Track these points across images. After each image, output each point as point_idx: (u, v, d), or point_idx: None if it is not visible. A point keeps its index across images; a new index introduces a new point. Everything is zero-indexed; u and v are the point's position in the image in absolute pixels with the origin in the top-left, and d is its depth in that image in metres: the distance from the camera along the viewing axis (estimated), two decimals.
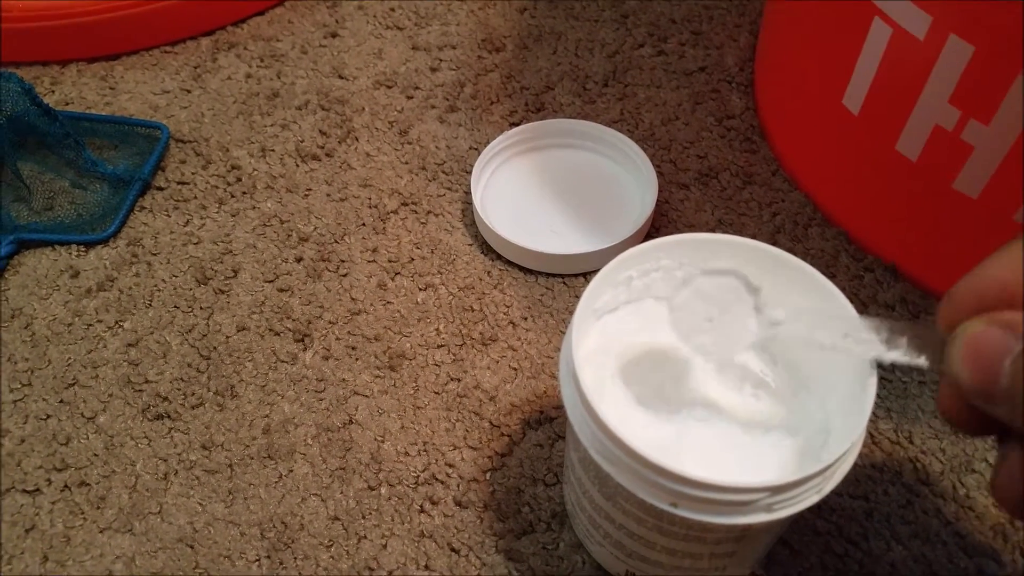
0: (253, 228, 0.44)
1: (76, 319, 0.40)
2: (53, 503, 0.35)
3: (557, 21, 0.53)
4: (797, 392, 0.28)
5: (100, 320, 0.40)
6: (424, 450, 0.36)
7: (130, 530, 0.34)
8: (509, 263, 0.42)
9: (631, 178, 0.44)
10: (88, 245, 0.43)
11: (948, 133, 0.33)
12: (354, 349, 0.39)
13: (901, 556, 0.33)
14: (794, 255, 0.27)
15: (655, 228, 0.43)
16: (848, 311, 0.26)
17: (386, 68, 0.51)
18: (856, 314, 0.26)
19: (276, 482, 0.35)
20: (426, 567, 0.33)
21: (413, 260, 0.42)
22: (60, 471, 0.35)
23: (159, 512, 0.34)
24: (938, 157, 0.35)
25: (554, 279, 0.41)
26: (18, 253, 0.43)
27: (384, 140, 0.47)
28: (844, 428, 0.25)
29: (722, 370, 0.29)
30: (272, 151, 0.47)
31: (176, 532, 0.34)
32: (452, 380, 0.38)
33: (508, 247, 0.41)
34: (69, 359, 0.39)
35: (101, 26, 0.50)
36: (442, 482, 0.35)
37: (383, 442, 0.36)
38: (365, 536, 0.33)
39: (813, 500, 0.24)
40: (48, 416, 0.37)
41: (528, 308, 0.40)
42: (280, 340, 0.39)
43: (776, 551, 0.33)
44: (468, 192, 0.44)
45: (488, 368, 0.38)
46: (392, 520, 0.34)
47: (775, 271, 0.27)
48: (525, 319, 0.40)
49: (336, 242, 0.43)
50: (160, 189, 0.45)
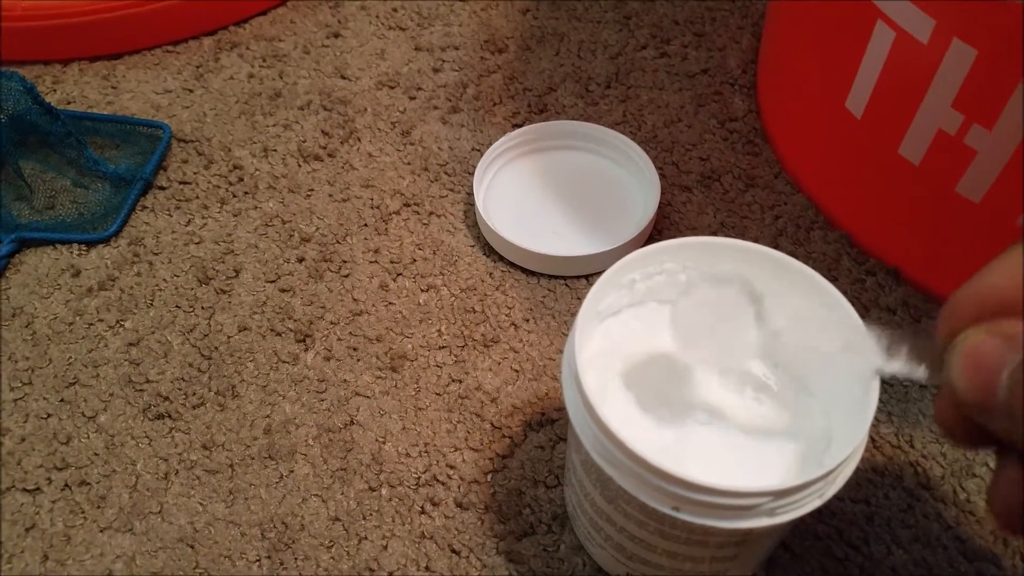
0: (255, 228, 0.44)
1: (77, 318, 0.40)
2: (53, 502, 0.35)
3: (560, 22, 0.53)
4: (799, 396, 0.28)
5: (101, 319, 0.40)
6: (425, 451, 0.36)
7: (130, 530, 0.34)
8: (511, 264, 0.42)
9: (633, 180, 0.44)
10: (89, 244, 0.43)
11: (951, 137, 0.33)
12: (355, 350, 0.39)
13: (902, 560, 0.33)
14: (796, 258, 0.27)
15: (657, 230, 0.43)
16: (851, 315, 0.26)
17: (388, 68, 0.51)
18: (858, 318, 0.26)
19: (277, 482, 0.35)
20: (427, 568, 0.33)
21: (415, 261, 0.42)
22: (61, 470, 0.35)
23: (159, 512, 0.34)
24: (941, 161, 0.35)
25: (556, 281, 0.41)
26: (19, 252, 0.43)
27: (386, 141, 0.47)
28: (846, 433, 0.25)
29: (725, 374, 0.29)
30: (274, 151, 0.47)
31: (176, 532, 0.34)
32: (453, 381, 0.38)
33: (510, 248, 0.41)
34: (70, 358, 0.39)
35: (103, 25, 0.50)
36: (443, 483, 0.35)
37: (384, 443, 0.36)
38: (366, 537, 0.33)
39: (815, 505, 0.24)
40: (49, 415, 0.37)
41: (530, 310, 0.40)
42: (281, 340, 0.39)
43: (777, 555, 0.33)
44: (470, 193, 0.44)
45: (490, 370, 0.38)
46: (393, 521, 0.34)
47: (777, 275, 0.27)
48: (527, 321, 0.40)
49: (338, 243, 0.43)
50: (162, 188, 0.45)
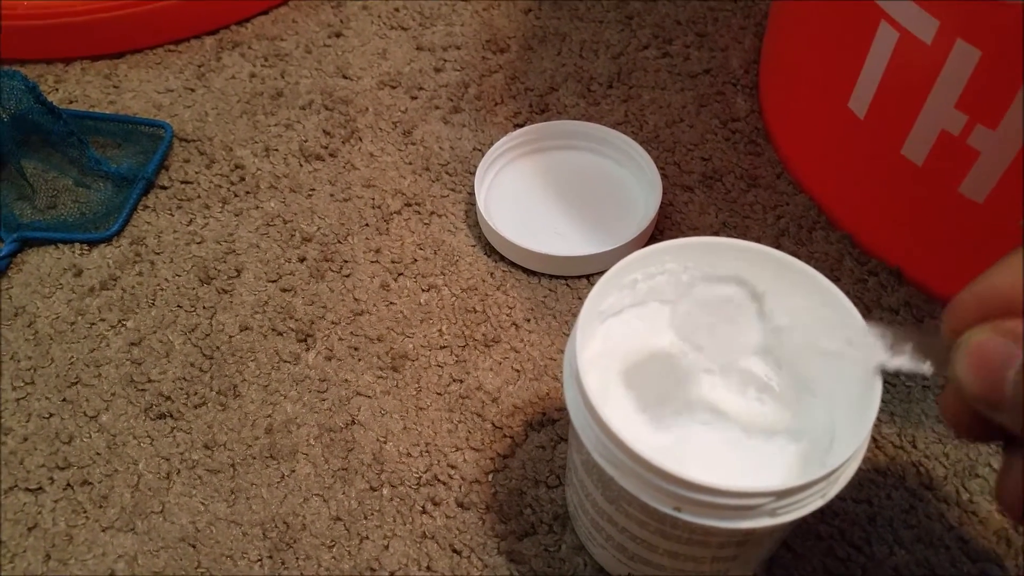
0: (256, 228, 0.44)
1: (79, 318, 0.40)
2: (55, 502, 0.35)
3: (562, 22, 0.53)
4: (801, 396, 0.28)
5: (103, 319, 0.40)
6: (426, 451, 0.36)
7: (132, 529, 0.34)
8: (512, 264, 0.42)
9: (635, 180, 0.44)
10: (91, 244, 0.43)
11: (954, 138, 0.33)
12: (357, 350, 0.39)
13: (904, 561, 0.32)
14: (798, 258, 0.27)
15: (659, 230, 0.43)
16: (852, 315, 0.26)
17: (390, 68, 0.51)
18: (860, 318, 0.26)
19: (278, 482, 0.35)
20: (428, 568, 0.33)
21: (416, 261, 0.42)
22: (62, 470, 0.35)
23: (161, 511, 0.34)
24: (944, 162, 0.35)
25: (557, 281, 0.41)
26: (21, 251, 0.43)
27: (388, 140, 0.47)
28: (848, 433, 0.25)
29: (727, 374, 0.28)
30: (276, 151, 0.47)
31: (178, 531, 0.34)
32: (454, 381, 0.38)
33: (511, 248, 0.41)
34: (72, 358, 0.39)
35: (105, 24, 0.50)
36: (444, 483, 0.35)
37: (385, 443, 0.36)
38: (367, 537, 0.33)
39: (817, 505, 0.24)
40: (51, 415, 0.37)
41: (531, 310, 0.40)
42: (283, 340, 0.39)
43: (778, 555, 0.33)
44: (472, 193, 0.44)
45: (491, 370, 0.38)
46: (394, 521, 0.34)
47: (779, 275, 0.27)
48: (528, 321, 0.40)
49: (339, 242, 0.43)
50: (163, 188, 0.45)
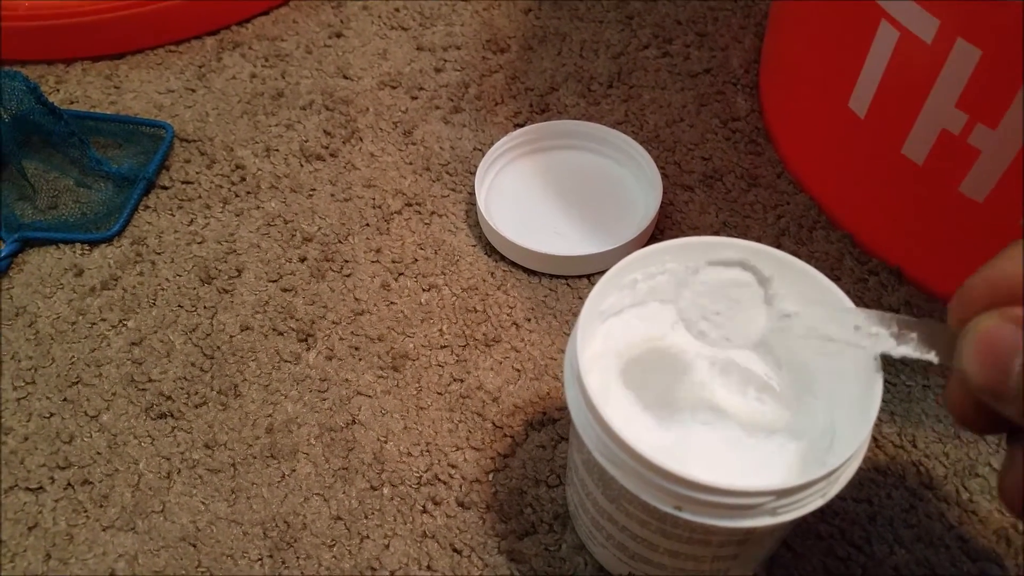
0: (257, 228, 0.44)
1: (80, 318, 0.40)
2: (56, 501, 0.35)
3: (562, 22, 0.53)
4: (802, 396, 0.28)
5: (104, 319, 0.40)
6: (427, 450, 0.36)
7: (133, 528, 0.34)
8: (513, 264, 0.42)
9: (635, 180, 0.44)
10: (92, 244, 0.43)
11: (955, 137, 0.33)
12: (357, 349, 0.39)
13: (904, 560, 0.32)
14: (799, 258, 0.27)
15: (659, 230, 0.43)
16: None
17: (391, 68, 0.51)
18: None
19: (279, 482, 0.35)
20: (428, 567, 0.33)
21: (417, 261, 0.42)
22: (63, 469, 0.35)
23: (162, 511, 0.34)
24: (944, 161, 0.35)
25: (557, 280, 0.41)
26: (22, 251, 0.43)
27: (388, 140, 0.47)
28: (849, 432, 0.25)
29: (727, 374, 0.28)
30: (276, 151, 0.47)
31: (179, 531, 0.34)
32: (455, 381, 0.38)
33: (512, 248, 0.41)
34: (73, 357, 0.39)
35: (106, 25, 0.50)
36: (444, 483, 0.35)
37: (386, 442, 0.36)
38: (367, 536, 0.33)
39: (817, 504, 0.24)
40: (51, 414, 0.37)
41: (531, 309, 0.40)
42: (284, 340, 0.39)
43: (779, 554, 0.33)
44: (472, 193, 0.44)
45: (491, 369, 0.38)
46: (394, 520, 0.34)
47: (780, 274, 0.27)
48: (528, 320, 0.40)
49: (340, 242, 0.43)
50: (164, 188, 0.45)
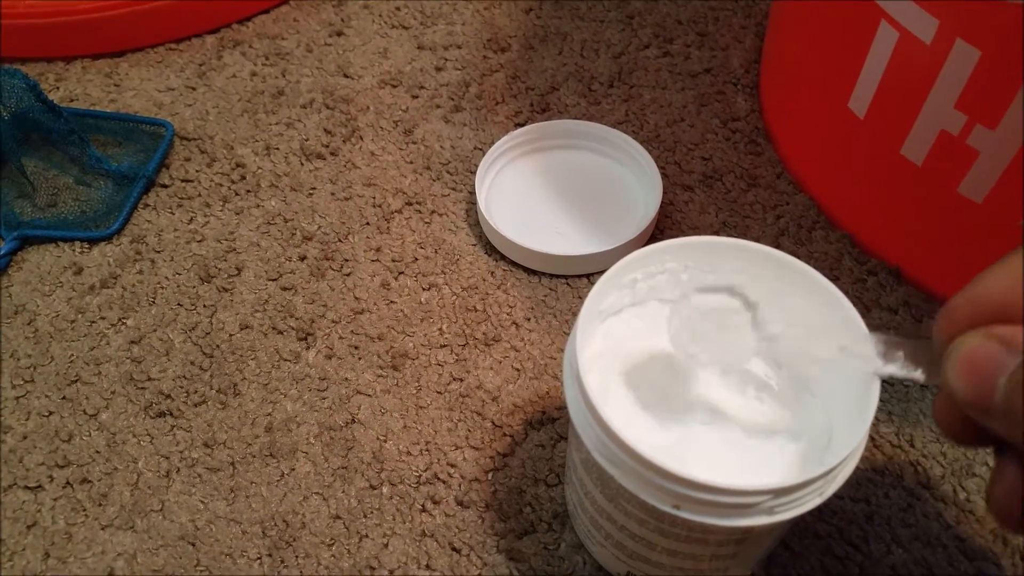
0: (257, 226, 0.44)
1: (79, 316, 0.40)
2: (55, 500, 0.35)
3: (563, 22, 0.53)
4: (800, 396, 0.28)
5: (103, 317, 0.40)
6: (426, 450, 0.36)
7: (132, 527, 0.34)
8: (513, 264, 0.42)
9: (635, 179, 0.44)
10: (92, 242, 0.43)
11: (954, 138, 0.33)
12: (357, 348, 0.39)
13: (901, 559, 0.33)
14: (798, 258, 0.27)
15: (659, 230, 0.43)
16: (852, 314, 0.26)
17: (391, 67, 0.51)
18: (859, 317, 0.26)
19: (278, 480, 0.35)
20: (427, 566, 0.33)
21: (417, 260, 0.42)
22: (62, 468, 0.35)
23: (161, 510, 0.34)
24: (943, 161, 0.35)
25: (557, 280, 0.41)
26: (22, 249, 0.43)
27: (389, 139, 0.47)
28: (846, 432, 0.25)
29: (726, 374, 0.29)
30: (276, 149, 0.47)
31: (178, 530, 0.34)
32: (455, 380, 0.38)
33: (512, 248, 0.41)
34: (72, 356, 0.39)
35: (106, 23, 0.50)
36: (444, 482, 0.35)
37: (385, 441, 0.36)
38: (366, 535, 0.33)
39: (815, 503, 0.24)
40: (50, 413, 0.37)
41: (531, 309, 0.40)
42: (283, 339, 0.39)
43: (777, 553, 0.33)
44: (472, 192, 0.44)
45: (491, 368, 0.38)
46: (394, 519, 0.34)
47: (779, 275, 0.27)
48: (528, 320, 0.40)
49: (340, 241, 0.43)
50: (164, 186, 0.45)
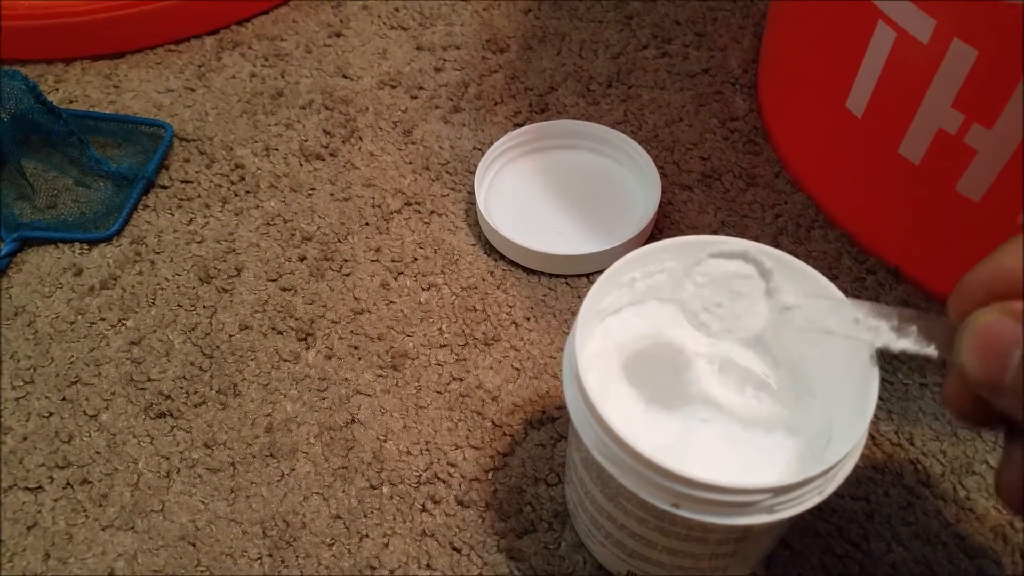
0: (256, 227, 0.44)
1: (79, 317, 0.40)
2: (55, 501, 0.35)
3: (561, 22, 0.53)
4: (799, 394, 0.28)
5: (103, 318, 0.40)
6: (426, 449, 0.36)
7: (132, 528, 0.34)
8: (512, 263, 0.42)
9: (634, 179, 0.44)
10: (91, 243, 0.43)
11: (951, 137, 0.33)
12: (357, 348, 0.39)
13: (902, 557, 0.33)
14: (797, 257, 0.27)
15: (658, 229, 0.43)
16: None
17: (390, 68, 0.51)
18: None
19: (278, 481, 0.35)
20: (428, 566, 0.33)
21: (416, 260, 0.42)
22: (62, 469, 0.35)
23: (161, 510, 0.34)
24: (941, 160, 0.35)
25: (557, 280, 0.41)
26: (21, 251, 0.43)
27: (388, 140, 0.47)
28: (846, 430, 0.25)
29: (725, 372, 0.29)
30: (276, 150, 0.47)
31: (178, 530, 0.34)
32: (454, 380, 0.38)
33: (511, 247, 0.41)
34: (72, 357, 0.39)
35: (105, 24, 0.50)
36: (444, 481, 0.35)
37: (385, 441, 0.36)
38: (367, 535, 0.34)
39: (815, 502, 0.24)
40: (50, 414, 0.37)
41: (531, 308, 0.40)
42: (283, 339, 0.39)
43: (777, 552, 0.33)
44: (472, 192, 0.44)
45: (491, 368, 0.38)
46: (394, 519, 0.34)
47: (778, 273, 0.28)
48: (528, 319, 0.40)
49: (339, 241, 0.43)
50: (164, 188, 0.45)
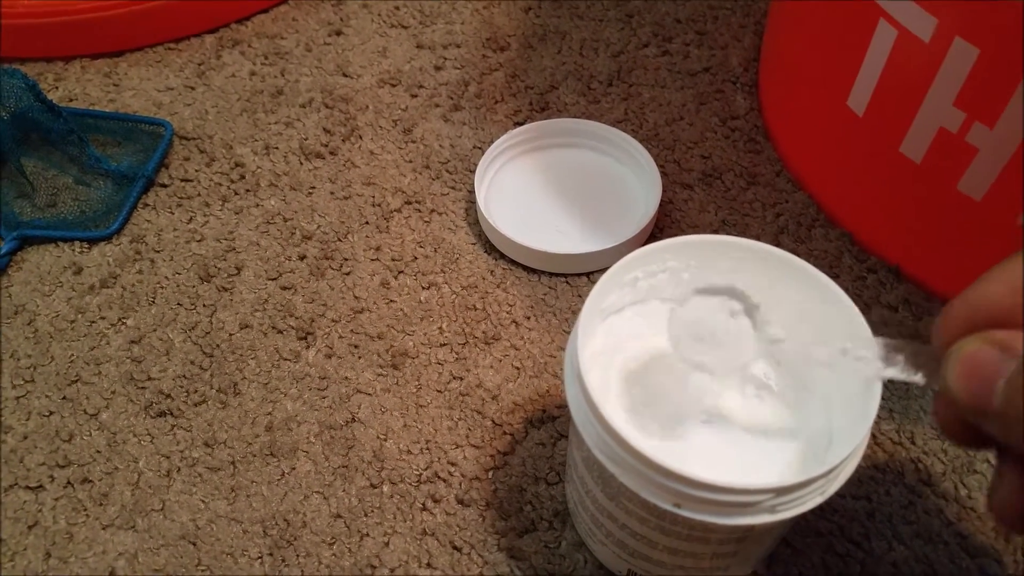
0: (256, 226, 0.44)
1: (79, 316, 0.40)
2: (56, 500, 0.35)
3: (562, 20, 0.53)
4: (801, 395, 0.28)
5: (103, 317, 0.40)
6: (426, 448, 0.36)
7: (132, 527, 0.34)
8: (512, 262, 0.42)
9: (635, 178, 0.44)
10: (91, 242, 0.43)
11: (952, 135, 0.33)
12: (357, 347, 0.39)
13: (903, 556, 0.33)
14: (798, 256, 0.27)
15: (659, 228, 0.43)
16: (852, 312, 0.26)
17: (390, 66, 0.51)
18: (860, 315, 0.26)
19: (278, 480, 0.35)
20: (428, 565, 0.33)
21: (416, 259, 0.42)
22: (63, 468, 0.35)
23: (161, 509, 0.34)
24: (942, 159, 0.35)
25: (557, 278, 0.41)
26: (21, 250, 0.43)
27: (388, 138, 0.47)
28: (848, 431, 0.25)
29: (726, 377, 0.29)
30: (276, 149, 0.47)
31: (179, 529, 0.34)
32: (455, 379, 0.38)
33: (511, 246, 0.41)
34: (72, 356, 0.39)
35: (105, 23, 0.50)
36: (444, 480, 0.35)
37: (385, 440, 0.36)
38: (367, 534, 0.33)
39: (816, 502, 0.24)
40: (51, 413, 0.37)
41: (531, 307, 0.40)
42: (283, 338, 0.39)
43: (778, 551, 0.33)
44: (472, 191, 0.44)
45: (491, 367, 0.38)
46: (394, 518, 0.34)
47: (778, 273, 0.28)
48: (528, 318, 0.40)
49: (339, 240, 0.43)
50: (164, 186, 0.45)
